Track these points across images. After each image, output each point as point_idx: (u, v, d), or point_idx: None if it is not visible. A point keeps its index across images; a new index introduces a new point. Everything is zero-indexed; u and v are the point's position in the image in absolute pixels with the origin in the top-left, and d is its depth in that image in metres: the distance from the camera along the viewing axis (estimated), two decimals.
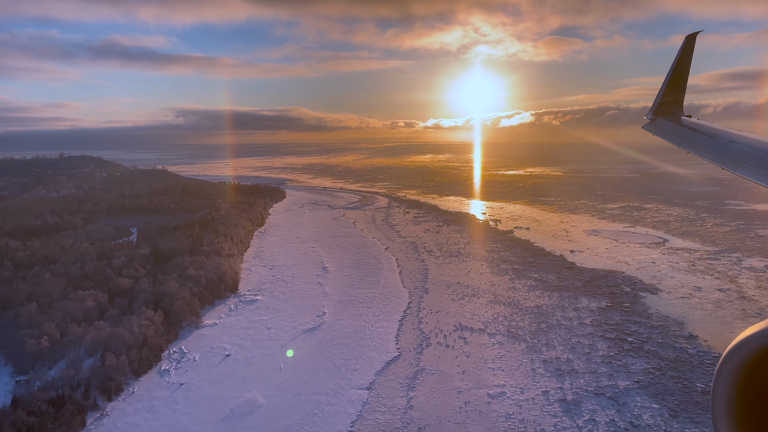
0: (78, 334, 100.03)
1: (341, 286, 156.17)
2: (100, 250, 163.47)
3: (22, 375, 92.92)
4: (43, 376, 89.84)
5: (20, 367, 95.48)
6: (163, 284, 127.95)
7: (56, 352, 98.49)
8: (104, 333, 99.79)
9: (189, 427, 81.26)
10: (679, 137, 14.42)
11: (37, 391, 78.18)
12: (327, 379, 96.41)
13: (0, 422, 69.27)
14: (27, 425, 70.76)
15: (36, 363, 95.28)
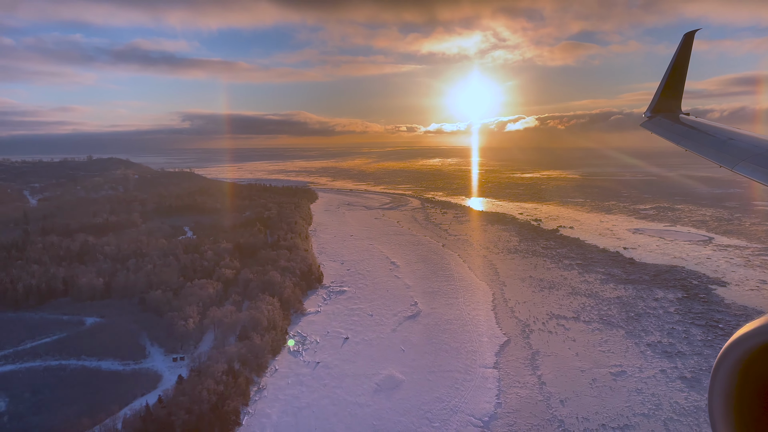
0: (217, 317, 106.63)
1: (418, 279, 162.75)
2: (180, 245, 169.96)
3: (173, 354, 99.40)
4: (196, 354, 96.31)
5: (168, 347, 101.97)
6: (266, 274, 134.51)
7: (196, 333, 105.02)
8: (242, 316, 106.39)
9: (346, 398, 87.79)
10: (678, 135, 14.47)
11: (209, 365, 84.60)
12: (451, 359, 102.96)
13: (198, 389, 75.67)
14: (216, 392, 77.26)
15: (182, 343, 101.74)
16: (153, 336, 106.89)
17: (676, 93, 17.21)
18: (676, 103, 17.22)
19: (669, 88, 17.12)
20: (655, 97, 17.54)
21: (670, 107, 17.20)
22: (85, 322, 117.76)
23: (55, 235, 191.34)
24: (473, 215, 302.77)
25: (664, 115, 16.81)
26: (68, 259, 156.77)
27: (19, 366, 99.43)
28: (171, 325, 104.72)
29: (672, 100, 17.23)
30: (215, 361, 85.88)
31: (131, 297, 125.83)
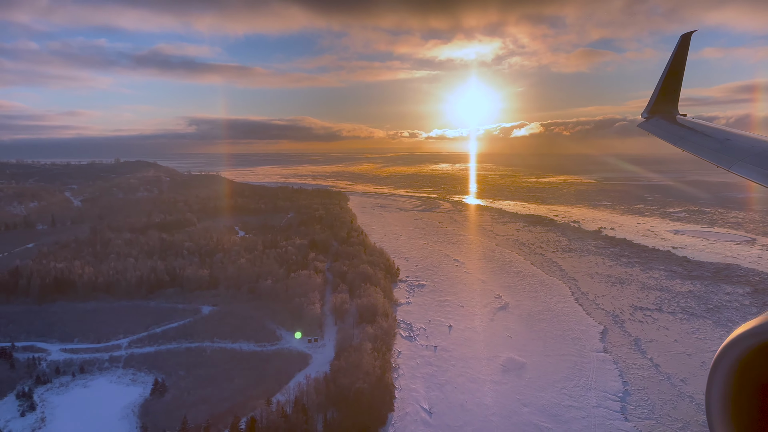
0: (337, 303, 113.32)
1: (489, 275, 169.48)
2: (259, 241, 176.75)
3: (305, 336, 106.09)
4: (327, 336, 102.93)
5: (294, 330, 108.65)
6: (358, 267, 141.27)
7: (318, 318, 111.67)
8: (363, 302, 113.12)
9: (479, 377, 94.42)
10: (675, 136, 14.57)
11: (360, 344, 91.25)
12: (560, 345, 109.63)
13: (361, 363, 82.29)
14: (377, 366, 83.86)
15: (314, 328, 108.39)
16: (277, 321, 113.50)
17: (673, 94, 17.39)
18: (673, 104, 17.40)
19: (666, 89, 17.35)
20: (652, 99, 17.78)
21: (667, 109, 17.36)
22: (201, 310, 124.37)
23: (127, 232, 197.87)
24: (510, 217, 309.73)
25: (662, 117, 17.00)
26: (155, 254, 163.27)
27: (157, 348, 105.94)
28: (298, 310, 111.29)
29: (669, 101, 17.41)
30: (360, 341, 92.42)
31: (238, 287, 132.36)
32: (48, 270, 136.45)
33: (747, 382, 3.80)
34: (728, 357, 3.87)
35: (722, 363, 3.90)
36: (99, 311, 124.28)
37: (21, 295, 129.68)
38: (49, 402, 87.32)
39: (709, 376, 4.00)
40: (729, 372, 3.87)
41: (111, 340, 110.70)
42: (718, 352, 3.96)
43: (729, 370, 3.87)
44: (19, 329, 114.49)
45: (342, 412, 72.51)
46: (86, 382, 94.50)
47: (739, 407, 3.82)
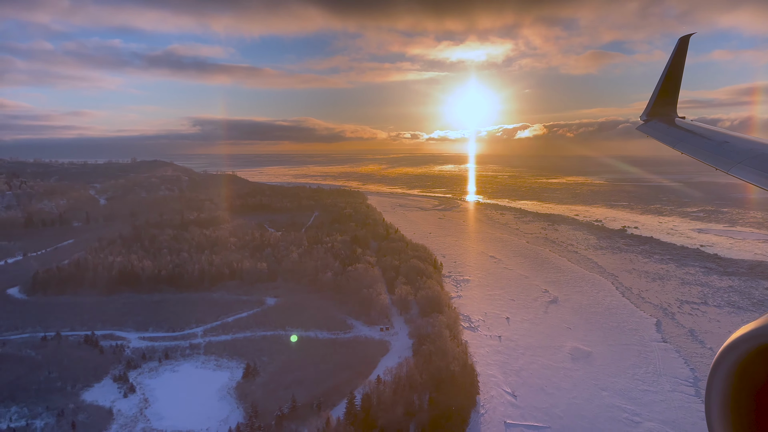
0: (401, 295, 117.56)
1: (529, 270, 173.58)
2: (304, 237, 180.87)
3: (374, 325, 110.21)
4: (397, 325, 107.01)
5: (363, 319, 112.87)
6: (408, 261, 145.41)
7: (385, 308, 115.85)
8: (424, 294, 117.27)
9: (551, 364, 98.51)
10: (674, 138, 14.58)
11: (437, 332, 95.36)
12: (620, 335, 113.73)
13: (446, 349, 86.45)
14: (460, 352, 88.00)
15: (382, 317, 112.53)
16: (345, 311, 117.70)
17: (671, 97, 17.39)
18: (671, 107, 17.42)
19: (665, 92, 17.34)
20: (651, 102, 17.75)
21: (666, 111, 17.34)
22: (265, 301, 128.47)
23: (169, 228, 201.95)
24: (531, 216, 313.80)
25: (660, 119, 16.95)
26: (204, 249, 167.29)
27: (233, 336, 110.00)
28: (366, 301, 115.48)
29: (668, 104, 17.41)
30: (437, 329, 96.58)
31: (298, 279, 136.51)
32: (111, 263, 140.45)
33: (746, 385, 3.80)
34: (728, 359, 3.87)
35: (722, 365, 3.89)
36: (165, 302, 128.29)
37: (87, 286, 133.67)
38: (145, 385, 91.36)
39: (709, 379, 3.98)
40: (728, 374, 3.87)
41: (185, 329, 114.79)
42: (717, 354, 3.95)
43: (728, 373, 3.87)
44: (94, 318, 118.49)
45: (439, 392, 76.53)
46: (173, 367, 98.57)
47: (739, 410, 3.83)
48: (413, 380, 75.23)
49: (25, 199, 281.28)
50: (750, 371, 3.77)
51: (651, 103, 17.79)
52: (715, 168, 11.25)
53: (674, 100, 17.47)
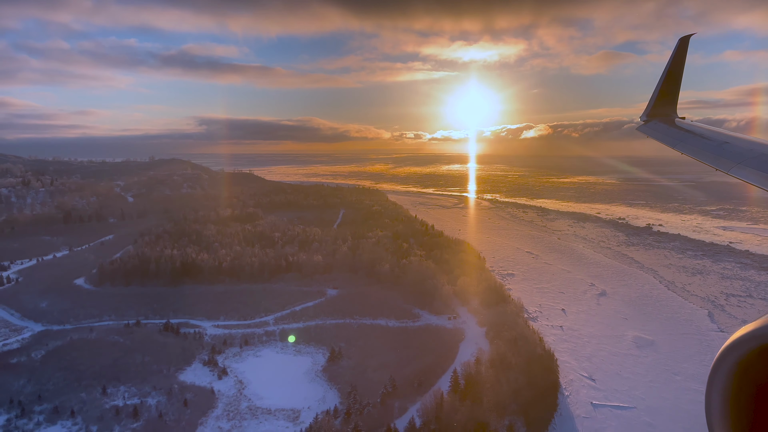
0: (462, 286, 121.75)
1: (569, 265, 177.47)
2: (347, 232, 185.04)
3: (439, 314, 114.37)
4: (463, 315, 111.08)
5: (428, 309, 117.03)
6: (457, 255, 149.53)
7: (446, 298, 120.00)
8: (486, 285, 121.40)
9: (618, 351, 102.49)
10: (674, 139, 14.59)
11: (511, 320, 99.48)
12: (676, 325, 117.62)
13: (525, 336, 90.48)
14: (536, 338, 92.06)
15: (446, 307, 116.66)
16: (409, 300, 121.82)
17: (671, 97, 17.34)
18: (671, 107, 17.37)
19: (664, 92, 17.29)
20: (651, 102, 17.71)
21: (665, 112, 17.29)
22: (326, 292, 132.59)
23: (210, 224, 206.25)
24: (554, 214, 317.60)
25: (660, 120, 16.91)
26: (252, 242, 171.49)
27: (305, 324, 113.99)
28: (430, 291, 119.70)
29: (668, 104, 17.36)
30: (510, 317, 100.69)
31: (354, 271, 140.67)
32: (171, 256, 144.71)
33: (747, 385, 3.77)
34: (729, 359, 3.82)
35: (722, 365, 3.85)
36: (229, 293, 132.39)
37: (152, 278, 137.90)
38: (234, 368, 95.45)
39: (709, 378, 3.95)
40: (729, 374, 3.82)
41: (255, 318, 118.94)
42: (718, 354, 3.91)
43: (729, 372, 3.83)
44: (165, 308, 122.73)
45: (525, 375, 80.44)
46: (255, 353, 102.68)
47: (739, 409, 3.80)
48: (507, 361, 79.19)
49: (58, 195, 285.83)
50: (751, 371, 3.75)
51: (651, 103, 17.79)
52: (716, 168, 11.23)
53: (674, 100, 17.48)
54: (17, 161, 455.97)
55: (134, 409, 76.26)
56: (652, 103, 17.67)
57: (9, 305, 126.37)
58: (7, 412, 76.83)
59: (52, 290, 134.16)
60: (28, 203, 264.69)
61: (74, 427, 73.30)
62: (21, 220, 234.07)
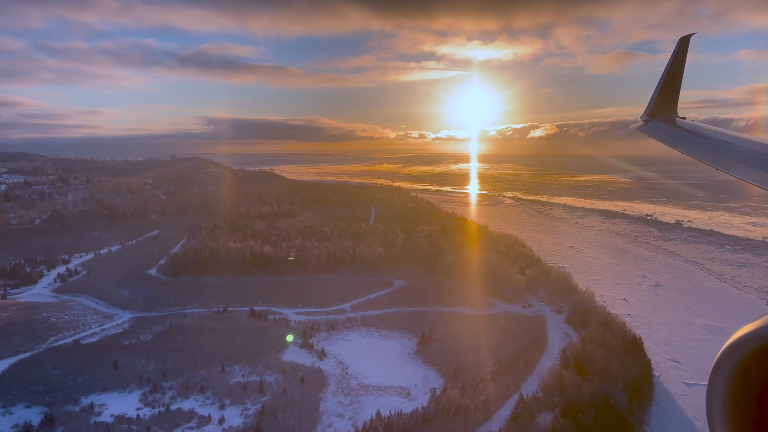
0: (533, 275, 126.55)
1: (615, 258, 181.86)
2: (398, 227, 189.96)
3: (513, 303, 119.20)
4: (537, 303, 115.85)
5: (499, 297, 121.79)
6: (513, 248, 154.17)
7: (521, 287, 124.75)
8: (555, 275, 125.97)
9: (694, 336, 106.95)
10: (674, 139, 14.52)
11: (592, 307, 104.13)
12: (739, 313, 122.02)
13: (609, 321, 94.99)
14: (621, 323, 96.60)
15: (517, 296, 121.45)
16: (478, 290, 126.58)
17: (672, 97, 17.29)
18: (672, 107, 17.33)
19: (665, 92, 17.26)
20: (651, 102, 17.67)
21: (666, 111, 17.24)
22: (393, 282, 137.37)
23: (258, 219, 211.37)
24: (581, 211, 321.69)
25: (661, 119, 16.88)
26: (306, 236, 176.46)
27: (382, 311, 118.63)
28: (500, 281, 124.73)
29: (668, 104, 17.32)
30: (591, 305, 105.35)
31: (418, 263, 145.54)
32: (240, 248, 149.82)
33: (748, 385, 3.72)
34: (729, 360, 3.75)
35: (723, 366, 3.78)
36: (300, 283, 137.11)
37: (224, 269, 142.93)
38: (330, 351, 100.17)
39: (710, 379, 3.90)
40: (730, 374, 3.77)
41: (333, 306, 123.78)
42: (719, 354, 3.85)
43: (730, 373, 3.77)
44: (244, 296, 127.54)
45: (623, 355, 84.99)
46: (343, 337, 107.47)
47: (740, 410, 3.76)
48: (608, 343, 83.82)
49: (96, 192, 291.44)
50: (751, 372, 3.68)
51: (651, 103, 17.74)
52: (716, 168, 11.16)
53: (675, 100, 17.43)
54: (44, 159, 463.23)
55: (259, 385, 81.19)
56: (653, 102, 17.68)
57: (91, 294, 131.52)
58: (140, 388, 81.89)
59: (128, 280, 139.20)
60: (70, 200, 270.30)
61: (207, 401, 78.27)
62: (67, 216, 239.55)
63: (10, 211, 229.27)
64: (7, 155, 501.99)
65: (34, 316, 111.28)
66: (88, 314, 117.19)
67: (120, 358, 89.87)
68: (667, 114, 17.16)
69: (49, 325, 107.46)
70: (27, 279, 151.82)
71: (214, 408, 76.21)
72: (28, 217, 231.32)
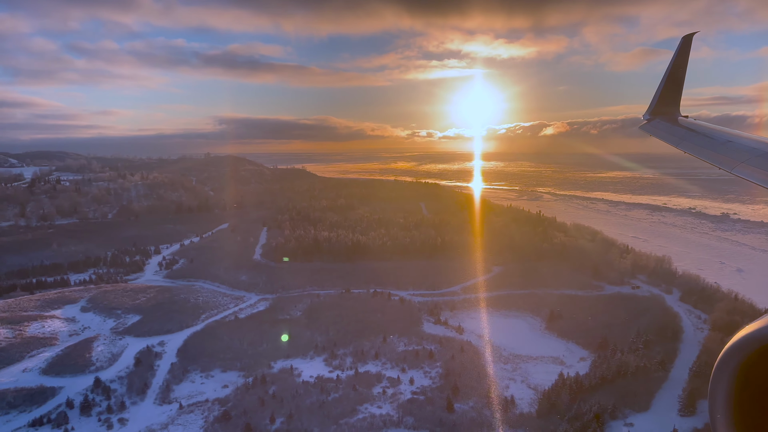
0: (634, 260, 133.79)
1: (683, 247, 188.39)
2: (476, 218, 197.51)
3: (619, 285, 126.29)
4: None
5: (608, 281, 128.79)
6: (597, 235, 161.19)
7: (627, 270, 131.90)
8: (655, 258, 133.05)
9: None
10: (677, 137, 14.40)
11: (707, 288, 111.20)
12: None
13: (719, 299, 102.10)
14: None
15: (619, 279, 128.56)
16: (585, 273, 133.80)
17: (674, 96, 17.33)
18: (674, 106, 17.37)
19: (667, 91, 17.30)
20: (654, 101, 17.68)
21: (668, 110, 17.28)
22: (492, 268, 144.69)
23: (329, 212, 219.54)
24: (625, 205, 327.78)
25: (663, 118, 16.93)
26: (382, 227, 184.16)
27: (496, 293, 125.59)
28: (605, 265, 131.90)
29: (671, 103, 17.36)
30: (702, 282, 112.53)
31: (512, 250, 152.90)
32: (339, 237, 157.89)
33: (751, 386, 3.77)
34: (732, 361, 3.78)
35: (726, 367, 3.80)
36: (403, 268, 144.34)
37: (326, 255, 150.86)
38: (465, 326, 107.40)
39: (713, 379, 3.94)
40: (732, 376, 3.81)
41: (443, 288, 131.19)
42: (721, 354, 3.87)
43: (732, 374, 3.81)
44: (356, 279, 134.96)
45: None
46: (468, 315, 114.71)
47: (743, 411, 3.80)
48: (742, 312, 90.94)
49: (155, 188, 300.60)
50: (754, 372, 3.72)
51: (654, 102, 17.72)
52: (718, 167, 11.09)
53: (677, 99, 17.45)
54: (79, 157, 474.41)
55: (428, 353, 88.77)
56: (655, 101, 17.62)
57: (208, 279, 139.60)
58: (318, 355, 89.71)
59: (240, 267, 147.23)
60: (133, 195, 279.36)
61: (386, 366, 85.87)
62: (136, 211, 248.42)
63: (84, 206, 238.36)
64: (42, 154, 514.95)
65: (176, 297, 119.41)
66: (218, 296, 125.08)
67: (288, 330, 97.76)
68: (669, 113, 17.23)
69: (195, 304, 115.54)
70: (134, 267, 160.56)
71: (396, 371, 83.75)
72: (101, 211, 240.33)
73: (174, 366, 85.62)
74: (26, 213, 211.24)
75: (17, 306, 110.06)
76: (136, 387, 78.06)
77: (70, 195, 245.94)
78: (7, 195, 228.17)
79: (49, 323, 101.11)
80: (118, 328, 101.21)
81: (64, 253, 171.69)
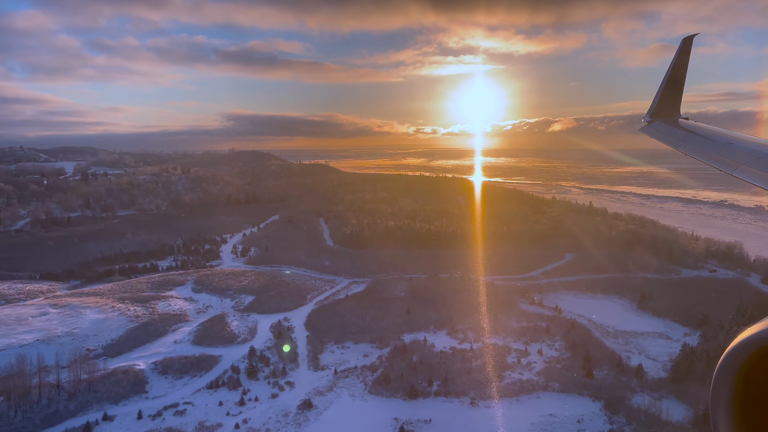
0: (703, 246, 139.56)
1: (735, 236, 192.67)
2: (525, 210, 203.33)
3: (693, 269, 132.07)
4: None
5: (683, 264, 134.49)
6: (645, 227, 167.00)
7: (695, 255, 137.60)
8: (723, 243, 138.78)
9: None
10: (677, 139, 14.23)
11: None
12: None
13: None
14: None
15: (694, 263, 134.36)
16: (653, 258, 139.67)
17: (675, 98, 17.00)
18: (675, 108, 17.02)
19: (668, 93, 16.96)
20: (654, 102, 17.38)
21: (669, 112, 16.92)
22: (564, 255, 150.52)
23: (382, 204, 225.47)
24: (656, 198, 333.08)
25: (663, 120, 16.58)
26: (440, 218, 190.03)
27: (576, 278, 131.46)
28: (674, 250, 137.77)
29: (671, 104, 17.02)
30: None
31: (580, 238, 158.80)
32: (407, 225, 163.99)
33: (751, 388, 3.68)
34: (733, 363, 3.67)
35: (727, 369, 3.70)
36: (476, 255, 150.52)
37: (399, 242, 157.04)
38: (560, 307, 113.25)
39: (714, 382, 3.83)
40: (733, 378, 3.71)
41: (522, 274, 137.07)
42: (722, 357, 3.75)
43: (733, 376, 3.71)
44: (437, 265, 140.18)
45: None
46: (556, 297, 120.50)
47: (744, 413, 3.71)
48: None
49: (198, 182, 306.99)
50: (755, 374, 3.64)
51: (654, 103, 17.55)
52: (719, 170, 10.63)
53: (677, 100, 17.29)
54: (109, 153, 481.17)
55: (545, 328, 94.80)
56: (656, 103, 17.37)
57: (293, 265, 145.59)
58: (438, 329, 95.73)
59: (319, 253, 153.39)
60: (180, 189, 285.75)
61: (507, 340, 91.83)
62: (187, 203, 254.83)
63: (140, 198, 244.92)
64: (69, 150, 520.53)
65: (276, 280, 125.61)
66: (310, 280, 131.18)
67: (406, 308, 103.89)
68: (669, 115, 16.99)
69: (297, 286, 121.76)
70: (212, 255, 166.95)
71: (520, 344, 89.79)
72: (155, 203, 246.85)
73: (309, 338, 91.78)
74: (90, 204, 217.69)
75: (134, 287, 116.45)
76: (287, 355, 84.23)
77: (125, 187, 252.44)
78: (70, 187, 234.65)
79: (173, 302, 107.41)
80: (239, 306, 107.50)
81: (138, 242, 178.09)
